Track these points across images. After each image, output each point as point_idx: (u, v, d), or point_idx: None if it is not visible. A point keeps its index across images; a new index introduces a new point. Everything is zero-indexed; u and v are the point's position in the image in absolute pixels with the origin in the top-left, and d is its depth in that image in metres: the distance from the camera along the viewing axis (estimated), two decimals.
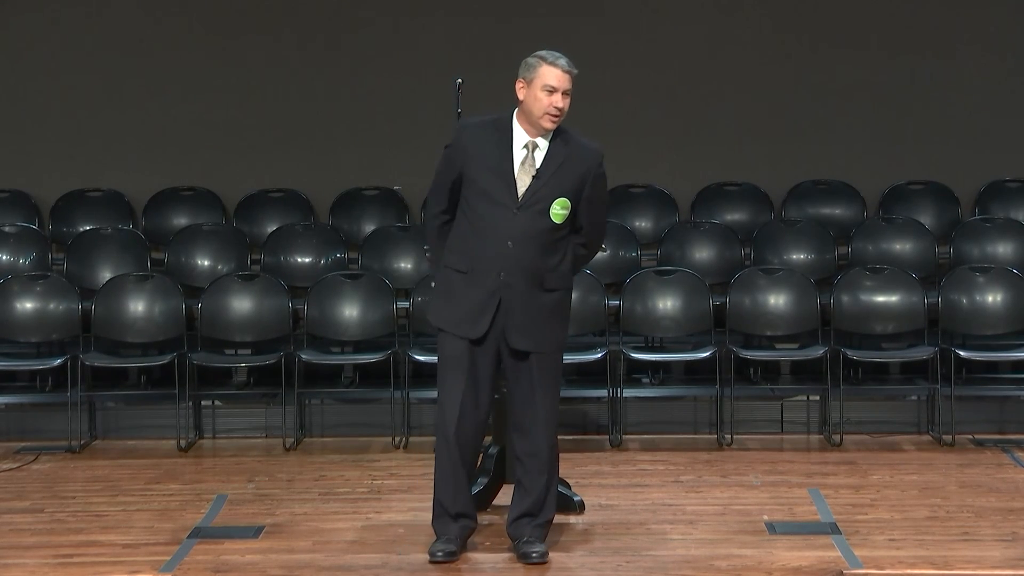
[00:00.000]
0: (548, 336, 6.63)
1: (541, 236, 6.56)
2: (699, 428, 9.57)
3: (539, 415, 6.65)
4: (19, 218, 10.50)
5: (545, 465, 6.72)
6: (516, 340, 6.59)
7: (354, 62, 10.70)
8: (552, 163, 6.56)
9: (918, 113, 10.68)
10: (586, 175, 6.59)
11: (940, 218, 10.53)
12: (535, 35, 10.59)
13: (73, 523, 7.51)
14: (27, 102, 10.72)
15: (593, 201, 6.64)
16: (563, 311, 6.68)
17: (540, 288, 6.58)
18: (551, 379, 6.67)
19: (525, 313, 6.57)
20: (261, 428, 9.58)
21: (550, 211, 6.54)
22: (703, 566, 6.66)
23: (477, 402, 6.65)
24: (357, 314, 9.57)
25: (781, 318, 9.57)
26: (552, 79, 6.52)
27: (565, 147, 6.58)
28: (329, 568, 6.69)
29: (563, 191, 6.55)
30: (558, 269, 6.62)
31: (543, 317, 6.60)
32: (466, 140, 6.62)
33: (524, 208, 6.54)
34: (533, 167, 6.55)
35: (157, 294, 9.57)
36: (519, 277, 6.55)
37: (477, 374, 6.64)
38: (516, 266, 6.54)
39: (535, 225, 6.54)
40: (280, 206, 10.66)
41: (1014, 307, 9.52)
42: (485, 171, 6.56)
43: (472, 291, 6.60)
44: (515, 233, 6.53)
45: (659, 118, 10.68)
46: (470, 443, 6.70)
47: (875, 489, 8.08)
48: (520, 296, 6.55)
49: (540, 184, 6.54)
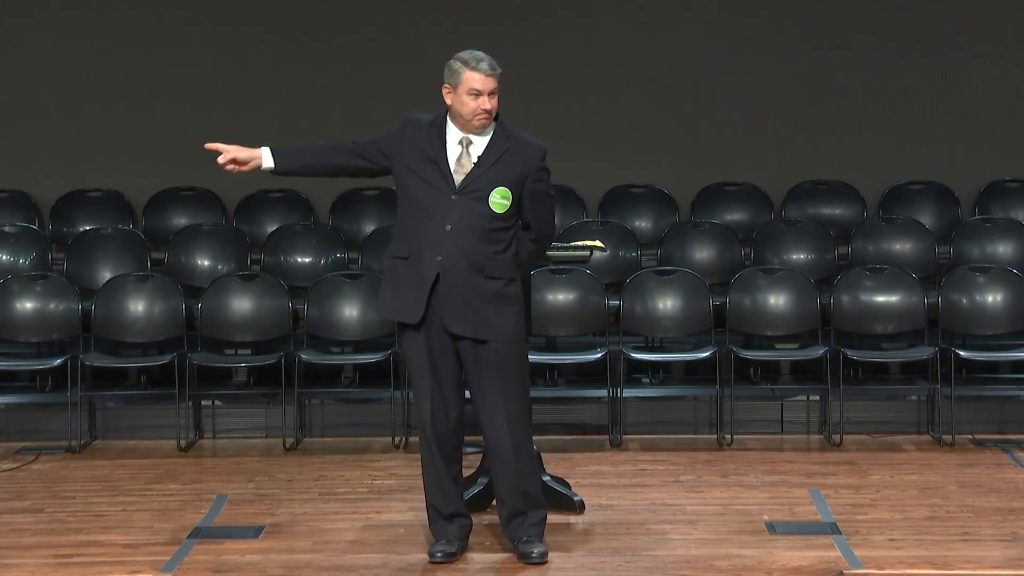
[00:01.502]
0: (491, 324, 6.56)
1: (480, 223, 6.55)
2: (699, 428, 9.57)
3: (497, 408, 6.62)
4: (19, 218, 10.50)
5: (509, 461, 6.67)
6: (451, 323, 6.57)
7: (354, 62, 10.70)
8: (492, 153, 6.59)
9: (918, 113, 10.68)
10: (527, 168, 6.60)
11: (940, 218, 10.53)
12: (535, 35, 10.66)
13: (73, 523, 7.51)
14: (27, 102, 10.71)
15: (536, 194, 6.64)
16: (510, 301, 6.61)
17: (479, 274, 6.55)
18: (507, 371, 6.60)
19: (462, 298, 6.55)
20: (261, 428, 9.58)
21: (489, 199, 6.56)
22: (703, 566, 6.66)
23: (444, 397, 6.66)
24: (357, 314, 9.57)
25: (781, 318, 9.57)
26: (476, 83, 6.56)
27: (507, 140, 6.62)
28: (329, 568, 6.69)
29: (503, 181, 6.57)
30: (498, 258, 6.58)
31: (483, 304, 6.56)
32: (407, 131, 6.69)
33: (462, 194, 6.56)
34: (470, 160, 6.59)
35: (157, 294, 9.57)
36: (457, 261, 6.53)
37: (438, 369, 6.64)
38: (454, 250, 6.53)
39: (473, 211, 6.55)
40: (280, 206, 10.66)
41: (1014, 307, 9.52)
42: (420, 159, 6.61)
43: (411, 275, 6.60)
44: (453, 217, 6.54)
45: (659, 118, 10.68)
46: (447, 439, 6.70)
47: (875, 489, 8.08)
48: (457, 280, 6.54)
49: (479, 172, 6.56)
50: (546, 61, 10.61)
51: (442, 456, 6.70)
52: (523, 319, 6.70)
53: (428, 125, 6.67)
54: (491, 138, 6.62)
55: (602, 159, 10.62)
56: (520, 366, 6.68)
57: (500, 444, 6.67)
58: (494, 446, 6.69)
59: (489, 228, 6.57)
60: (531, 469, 6.78)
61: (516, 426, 6.66)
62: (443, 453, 6.70)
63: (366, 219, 10.57)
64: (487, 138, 6.62)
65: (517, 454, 6.68)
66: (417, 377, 6.71)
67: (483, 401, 6.66)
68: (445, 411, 6.68)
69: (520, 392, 6.67)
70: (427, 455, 6.75)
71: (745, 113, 10.69)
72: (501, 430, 6.65)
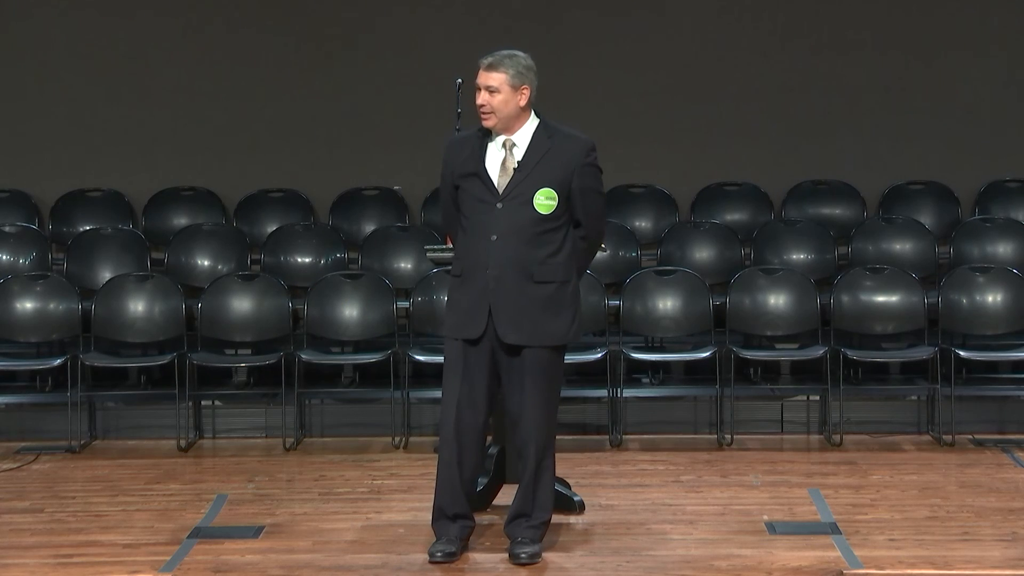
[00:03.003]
0: (541, 329, 6.57)
1: (526, 228, 6.54)
2: (699, 428, 9.57)
3: (527, 411, 6.61)
4: (19, 218, 10.50)
5: (531, 463, 6.67)
6: (505, 333, 6.56)
7: (354, 62, 10.71)
8: (534, 156, 6.58)
9: (918, 113, 10.68)
10: (572, 165, 6.59)
11: (940, 218, 10.53)
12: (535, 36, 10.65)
13: (73, 523, 7.51)
14: (27, 102, 10.72)
15: (585, 191, 6.62)
16: (560, 304, 6.61)
17: (530, 280, 6.55)
18: (543, 374, 6.61)
19: (515, 306, 6.54)
20: (261, 428, 9.58)
21: (533, 201, 6.54)
22: (703, 566, 6.66)
23: (473, 402, 6.65)
24: (357, 314, 9.57)
25: (781, 318, 9.57)
26: (478, 79, 6.59)
27: (549, 140, 6.61)
28: (329, 568, 6.69)
29: (546, 182, 6.56)
30: (549, 261, 6.58)
31: (535, 310, 6.56)
32: (448, 155, 6.72)
33: (506, 201, 6.55)
34: (514, 162, 6.57)
35: (157, 294, 9.57)
36: (506, 270, 6.53)
37: (472, 374, 6.63)
38: (502, 259, 6.53)
39: (519, 217, 6.54)
40: (280, 206, 10.66)
41: (1014, 307, 9.52)
42: (466, 176, 6.62)
43: (466, 292, 6.62)
44: (498, 226, 6.54)
45: (660, 118, 10.68)
46: (468, 443, 6.68)
47: (875, 489, 8.08)
48: (509, 290, 6.54)
49: (522, 176, 6.55)
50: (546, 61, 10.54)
51: (458, 457, 6.68)
52: (577, 322, 6.68)
53: (469, 137, 6.70)
54: (532, 139, 6.61)
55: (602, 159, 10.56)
56: (557, 371, 6.68)
57: (525, 441, 6.66)
58: (520, 443, 6.68)
59: (537, 231, 6.55)
60: (549, 472, 6.77)
61: (543, 427, 6.66)
62: (460, 453, 6.68)
63: (366, 219, 10.57)
64: (528, 139, 6.61)
65: (539, 454, 6.67)
66: (448, 378, 6.68)
67: (514, 398, 6.64)
68: (473, 414, 6.66)
69: (551, 392, 6.67)
70: (443, 454, 6.73)
71: (745, 113, 10.69)
72: (528, 428, 6.64)
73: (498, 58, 6.60)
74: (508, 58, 6.61)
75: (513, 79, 6.59)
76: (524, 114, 6.63)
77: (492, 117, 6.59)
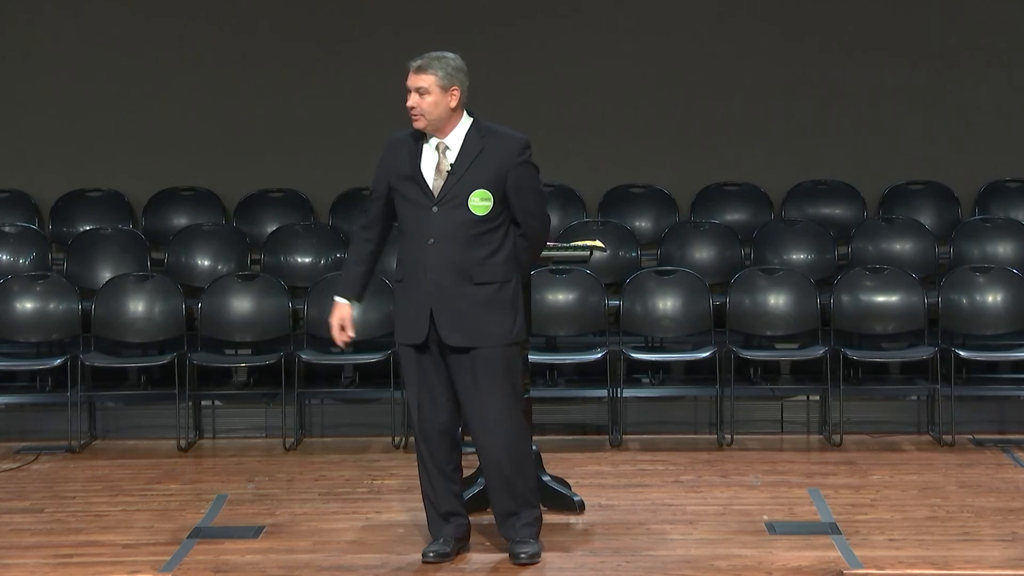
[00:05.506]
0: (483, 330, 6.53)
1: (463, 230, 6.51)
2: (699, 428, 9.57)
3: (485, 412, 6.58)
4: (19, 218, 10.50)
5: (495, 462, 6.64)
6: (448, 336, 6.55)
7: (354, 62, 10.70)
8: (467, 157, 6.55)
9: (918, 113, 10.68)
10: (506, 164, 6.54)
11: (940, 218, 10.53)
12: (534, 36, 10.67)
13: (73, 523, 7.51)
14: (27, 102, 10.71)
15: (520, 189, 6.57)
16: (501, 304, 6.56)
17: (469, 282, 6.52)
18: (495, 371, 6.56)
19: (455, 309, 6.52)
20: (261, 428, 9.58)
21: (468, 203, 6.52)
22: (703, 566, 6.66)
23: (434, 401, 6.65)
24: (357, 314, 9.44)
25: (781, 318, 9.57)
26: (407, 81, 6.58)
27: (482, 140, 6.56)
28: (329, 568, 6.69)
29: (480, 183, 6.52)
30: (488, 262, 6.54)
31: (475, 311, 6.52)
32: (385, 154, 6.70)
33: (441, 204, 6.52)
34: (447, 165, 6.55)
35: (157, 294, 9.57)
36: (445, 273, 6.51)
37: (427, 377, 6.63)
38: (440, 262, 6.51)
39: (454, 220, 6.51)
40: (280, 206, 10.66)
41: (1014, 307, 9.52)
42: (401, 179, 6.59)
43: (409, 297, 6.61)
44: (434, 230, 6.51)
45: (659, 118, 10.68)
46: (439, 439, 6.69)
47: (875, 489, 8.08)
48: (448, 293, 6.51)
49: (455, 179, 6.52)
50: (546, 61, 10.60)
51: (432, 455, 6.70)
52: (519, 321, 6.64)
53: (405, 139, 6.65)
54: (464, 140, 6.57)
55: (602, 159, 10.62)
56: (508, 368, 6.60)
57: (486, 445, 6.65)
58: (481, 447, 6.68)
59: (474, 233, 6.52)
60: (521, 469, 6.70)
61: (506, 426, 6.62)
62: (433, 452, 6.70)
63: None
64: (460, 140, 6.58)
65: (506, 454, 6.63)
66: (407, 381, 6.72)
67: (467, 401, 6.63)
68: (435, 412, 6.67)
69: (507, 393, 6.60)
70: (419, 456, 6.77)
71: (745, 113, 10.69)
72: (487, 431, 6.62)
73: (427, 60, 6.55)
74: (437, 60, 6.56)
75: (443, 80, 6.54)
76: (456, 115, 6.58)
77: (422, 119, 6.55)
